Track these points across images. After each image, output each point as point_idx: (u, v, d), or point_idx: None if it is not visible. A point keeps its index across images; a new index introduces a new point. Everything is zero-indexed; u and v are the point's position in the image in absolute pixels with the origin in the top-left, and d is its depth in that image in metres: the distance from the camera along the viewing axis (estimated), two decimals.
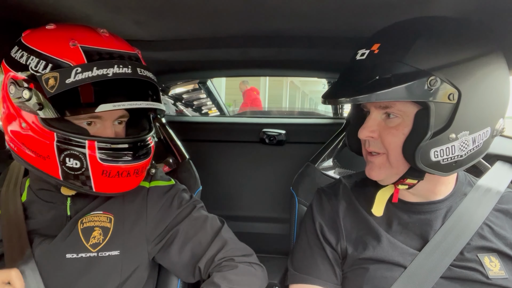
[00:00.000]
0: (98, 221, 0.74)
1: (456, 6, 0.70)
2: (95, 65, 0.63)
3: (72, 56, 0.64)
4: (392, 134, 0.64)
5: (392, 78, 0.58)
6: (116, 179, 0.69)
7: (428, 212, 0.71)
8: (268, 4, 0.74)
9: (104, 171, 0.67)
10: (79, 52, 0.64)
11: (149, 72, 0.71)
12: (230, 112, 3.51)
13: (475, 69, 0.59)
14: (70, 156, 0.66)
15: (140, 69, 0.68)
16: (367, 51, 0.63)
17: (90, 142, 0.65)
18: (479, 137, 0.62)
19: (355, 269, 0.71)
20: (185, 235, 0.79)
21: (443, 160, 0.62)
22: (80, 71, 0.62)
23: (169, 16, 0.83)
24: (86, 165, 0.66)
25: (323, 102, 0.67)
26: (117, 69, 0.65)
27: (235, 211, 1.76)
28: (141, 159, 0.71)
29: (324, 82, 2.52)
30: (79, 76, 0.62)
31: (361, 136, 0.68)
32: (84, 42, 0.65)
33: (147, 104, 0.69)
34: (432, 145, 0.60)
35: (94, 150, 0.65)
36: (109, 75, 0.64)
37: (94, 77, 0.63)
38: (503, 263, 0.66)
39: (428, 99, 0.58)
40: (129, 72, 0.66)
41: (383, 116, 0.66)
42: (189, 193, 0.89)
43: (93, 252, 0.71)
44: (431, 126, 0.59)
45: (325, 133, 1.37)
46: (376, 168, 0.69)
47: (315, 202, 0.82)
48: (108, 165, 0.67)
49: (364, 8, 0.74)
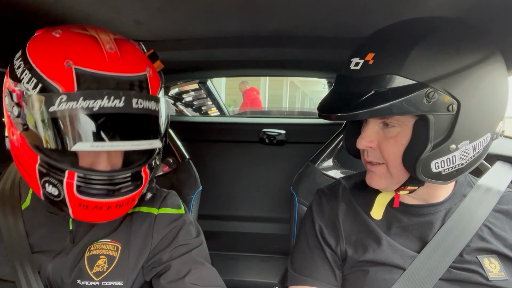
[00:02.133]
0: (104, 249, 0.72)
1: (454, 4, 0.69)
2: (82, 95, 0.56)
3: (63, 80, 0.57)
4: (391, 144, 0.63)
5: (389, 92, 0.57)
6: (95, 212, 0.65)
7: (427, 215, 0.71)
8: (268, 4, 0.74)
9: (81, 204, 0.63)
10: (71, 76, 0.57)
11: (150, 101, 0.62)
12: (230, 112, 3.51)
13: (473, 77, 0.58)
14: (49, 183, 0.62)
15: (137, 100, 0.59)
16: (361, 60, 0.61)
17: (69, 172, 0.60)
18: (480, 144, 0.62)
19: (355, 272, 0.71)
20: (176, 274, 0.73)
21: (444, 170, 0.61)
22: (65, 99, 0.56)
23: (169, 16, 0.83)
24: (63, 195, 0.62)
25: (319, 116, 0.65)
26: (106, 101, 0.57)
27: (235, 211, 1.76)
28: (124, 194, 0.64)
29: (324, 82, 2.52)
30: (62, 106, 0.56)
31: (359, 146, 0.67)
32: (81, 63, 0.58)
33: (132, 146, 0.60)
34: (432, 157, 0.59)
35: (73, 180, 0.61)
36: (95, 109, 0.56)
37: (76, 110, 0.56)
38: (503, 265, 0.65)
39: (427, 112, 0.56)
40: (120, 106, 0.57)
41: (380, 125, 0.65)
42: (195, 227, 0.82)
43: (96, 281, 0.69)
44: (430, 139, 0.58)
45: (325, 133, 1.37)
46: (377, 178, 0.68)
47: (314, 204, 0.82)
48: (85, 199, 0.62)
49: (364, 8, 0.74)
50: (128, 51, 0.65)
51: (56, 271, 0.70)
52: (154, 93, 0.65)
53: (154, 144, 0.64)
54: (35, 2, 0.73)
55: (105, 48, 0.61)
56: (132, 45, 0.69)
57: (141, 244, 0.74)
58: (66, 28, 0.64)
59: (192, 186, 1.07)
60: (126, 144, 0.60)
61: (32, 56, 0.60)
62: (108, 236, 0.74)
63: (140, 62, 0.65)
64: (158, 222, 0.77)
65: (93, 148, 0.58)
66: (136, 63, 0.64)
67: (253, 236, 1.73)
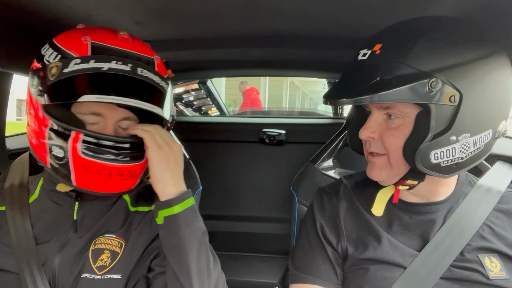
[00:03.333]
0: (109, 244, 0.73)
1: (458, 5, 0.70)
2: (93, 58, 0.64)
3: (79, 49, 0.66)
4: (392, 135, 0.64)
5: (393, 79, 0.58)
6: (96, 176, 0.67)
7: (429, 213, 0.71)
8: (268, 4, 0.74)
9: (84, 165, 0.66)
10: (86, 47, 0.66)
11: (156, 75, 0.69)
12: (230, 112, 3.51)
13: (477, 70, 0.59)
14: (56, 145, 0.66)
15: (141, 69, 0.67)
16: (368, 51, 0.63)
17: (75, 133, 0.65)
18: (481, 139, 0.62)
19: (355, 270, 0.71)
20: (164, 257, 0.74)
21: (443, 162, 0.61)
22: (79, 62, 0.63)
23: (169, 16, 0.83)
24: (67, 156, 0.66)
25: (324, 102, 0.67)
26: (114, 64, 0.64)
27: (235, 211, 1.76)
28: (127, 162, 0.68)
29: (324, 82, 2.52)
30: (75, 67, 0.63)
31: (361, 136, 0.68)
32: (97, 39, 0.67)
33: (134, 103, 0.66)
34: (432, 147, 0.60)
35: (77, 142, 0.65)
36: (104, 68, 0.63)
37: (88, 69, 0.63)
38: (504, 264, 0.66)
39: (429, 101, 0.57)
40: (126, 70, 0.65)
41: (384, 117, 0.65)
42: None
43: (98, 275, 0.70)
44: (431, 128, 0.59)
45: (325, 133, 1.37)
46: (377, 168, 0.69)
47: (315, 202, 0.82)
48: (88, 159, 0.65)
49: (364, 8, 0.74)
50: (140, 42, 0.74)
51: (63, 264, 0.71)
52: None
53: (156, 109, 0.69)
54: (35, 2, 0.73)
55: (118, 33, 0.71)
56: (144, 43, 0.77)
57: (140, 240, 0.76)
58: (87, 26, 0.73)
59: (192, 186, 1.07)
60: (129, 100, 0.65)
61: (57, 39, 0.69)
62: (114, 232, 0.75)
63: (149, 51, 0.73)
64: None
65: (99, 99, 0.64)
66: (146, 50, 0.72)
67: (253, 236, 1.73)
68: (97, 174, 0.67)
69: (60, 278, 0.70)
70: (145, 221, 0.78)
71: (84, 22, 0.74)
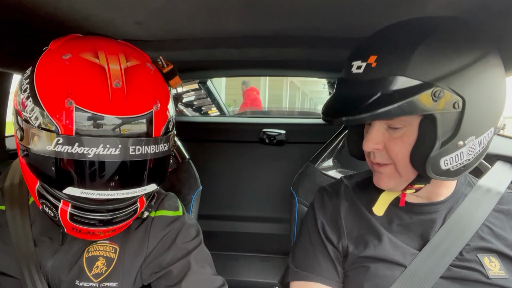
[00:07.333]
0: (103, 251, 0.73)
1: (454, 4, 0.70)
2: (78, 140, 0.56)
3: (62, 119, 0.57)
4: (397, 144, 0.63)
5: (395, 93, 0.57)
6: (87, 235, 0.68)
7: (429, 213, 0.71)
8: (268, 4, 0.74)
9: (74, 228, 0.65)
10: (71, 117, 0.57)
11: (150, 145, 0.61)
12: (230, 112, 3.51)
13: (475, 74, 0.59)
14: (46, 205, 0.66)
15: (134, 147, 0.59)
16: (363, 63, 0.61)
17: (64, 202, 0.63)
18: (484, 139, 0.62)
19: (356, 268, 0.71)
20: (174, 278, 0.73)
21: (452, 167, 0.61)
22: (61, 142, 0.56)
23: (169, 16, 0.83)
24: (58, 217, 0.65)
25: (324, 119, 0.65)
26: (101, 149, 0.57)
27: (235, 211, 1.76)
28: (117, 224, 0.66)
29: (324, 82, 2.52)
30: (58, 148, 0.57)
31: (366, 149, 0.67)
32: (83, 103, 0.57)
33: (122, 195, 0.61)
34: (441, 155, 0.60)
35: (67, 208, 0.63)
36: (89, 156, 0.56)
37: (72, 155, 0.57)
38: (503, 264, 0.66)
39: (434, 110, 0.57)
40: (115, 154, 0.57)
41: (385, 127, 0.65)
42: (195, 228, 0.81)
43: (95, 282, 0.70)
44: (439, 137, 0.58)
45: (325, 133, 1.37)
46: (385, 178, 0.68)
47: (316, 201, 0.82)
48: (78, 226, 0.65)
49: (363, 8, 0.74)
50: (138, 84, 0.63)
51: (55, 269, 0.71)
52: (158, 132, 0.64)
53: (148, 189, 0.64)
54: (35, 2, 0.73)
55: (111, 84, 0.59)
56: (145, 73, 0.66)
57: (137, 247, 0.75)
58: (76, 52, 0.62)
59: (192, 186, 1.07)
60: (117, 193, 0.60)
61: (38, 83, 0.60)
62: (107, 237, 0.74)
63: (148, 98, 0.63)
64: (154, 225, 0.77)
65: (83, 195, 0.59)
66: (143, 100, 0.62)
67: (253, 236, 1.73)
68: (87, 235, 0.67)
69: (53, 284, 0.71)
70: (143, 226, 0.77)
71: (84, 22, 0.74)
